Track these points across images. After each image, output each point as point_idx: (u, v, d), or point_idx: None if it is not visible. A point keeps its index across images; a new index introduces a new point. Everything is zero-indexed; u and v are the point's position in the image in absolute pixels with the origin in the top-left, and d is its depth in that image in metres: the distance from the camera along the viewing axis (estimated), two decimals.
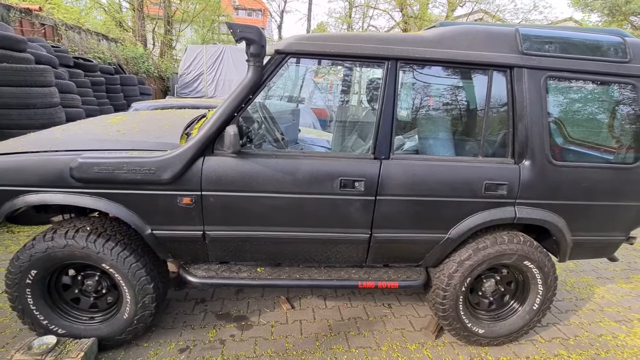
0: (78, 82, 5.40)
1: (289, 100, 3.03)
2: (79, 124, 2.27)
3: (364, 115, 2.09)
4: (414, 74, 1.83)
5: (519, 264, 2.05)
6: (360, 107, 2.31)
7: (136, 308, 1.91)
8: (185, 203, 1.77)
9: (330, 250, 1.99)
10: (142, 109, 5.04)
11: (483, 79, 1.86)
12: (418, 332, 2.33)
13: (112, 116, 2.59)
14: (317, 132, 4.56)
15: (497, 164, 1.91)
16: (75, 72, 5.81)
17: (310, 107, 5.48)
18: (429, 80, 1.88)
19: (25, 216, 3.45)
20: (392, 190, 1.84)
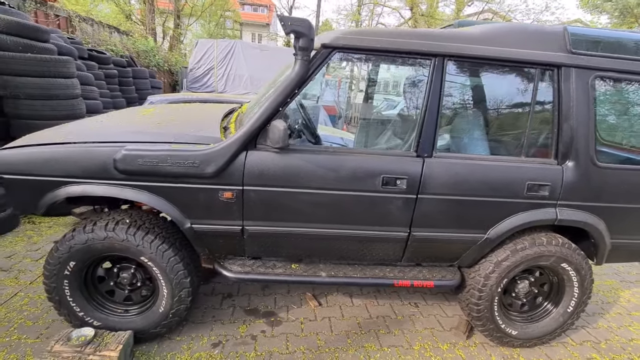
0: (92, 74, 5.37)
1: (307, 97, 3.01)
2: (112, 116, 2.26)
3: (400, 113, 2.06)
4: (461, 71, 1.81)
5: (556, 266, 2.04)
6: (393, 104, 2.29)
7: (172, 302, 1.90)
8: (226, 197, 1.76)
9: (366, 248, 1.97)
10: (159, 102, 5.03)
11: (529, 77, 1.84)
12: (448, 332, 2.32)
13: (142, 108, 2.57)
14: (331, 129, 4.55)
15: (539, 164, 1.88)
16: (89, 64, 5.78)
17: (321, 104, 5.50)
18: (474, 78, 1.85)
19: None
20: (433, 189, 1.82)
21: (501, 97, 1.89)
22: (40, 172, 1.67)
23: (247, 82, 9.37)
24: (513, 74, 1.85)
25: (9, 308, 2.20)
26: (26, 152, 1.68)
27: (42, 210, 1.76)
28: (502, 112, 1.91)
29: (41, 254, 2.86)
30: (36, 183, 1.69)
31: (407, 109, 1.93)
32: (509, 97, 1.89)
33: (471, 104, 1.91)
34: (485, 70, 1.83)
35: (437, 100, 1.77)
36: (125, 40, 8.27)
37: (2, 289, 2.38)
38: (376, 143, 2.17)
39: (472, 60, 1.77)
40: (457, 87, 1.84)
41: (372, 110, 2.70)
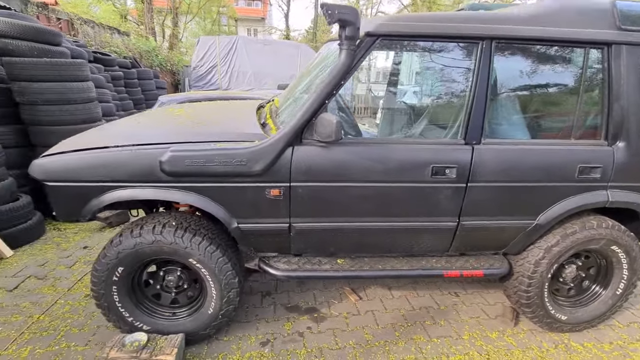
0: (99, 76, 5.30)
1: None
2: (143, 118, 2.21)
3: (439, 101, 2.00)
4: (508, 54, 1.75)
5: (605, 248, 2.00)
6: (403, 91, 2.19)
7: (221, 303, 1.88)
8: (273, 195, 1.72)
9: (414, 239, 1.94)
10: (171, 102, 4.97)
11: (578, 57, 1.78)
12: (494, 319, 2.30)
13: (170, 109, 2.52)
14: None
15: (590, 146, 1.84)
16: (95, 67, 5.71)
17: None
18: (522, 60, 1.79)
19: None
20: (483, 176, 1.78)
21: (549, 78, 1.83)
22: (84, 178, 1.63)
23: (250, 78, 9.29)
24: (561, 54, 1.79)
25: (52, 316, 2.19)
26: (69, 158, 1.64)
27: (86, 217, 1.73)
28: (551, 94, 1.85)
29: (73, 260, 2.84)
30: (81, 189, 1.65)
31: (450, 96, 1.88)
32: (557, 78, 1.83)
33: (519, 87, 1.85)
34: (532, 52, 1.77)
35: (485, 86, 1.72)
36: (127, 41, 8.16)
37: (42, 297, 2.37)
38: (408, 133, 2.11)
39: (520, 42, 1.71)
40: (505, 71, 1.78)
41: (394, 99, 2.64)
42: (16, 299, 2.33)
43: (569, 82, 1.83)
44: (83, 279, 2.60)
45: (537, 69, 1.82)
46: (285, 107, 2.05)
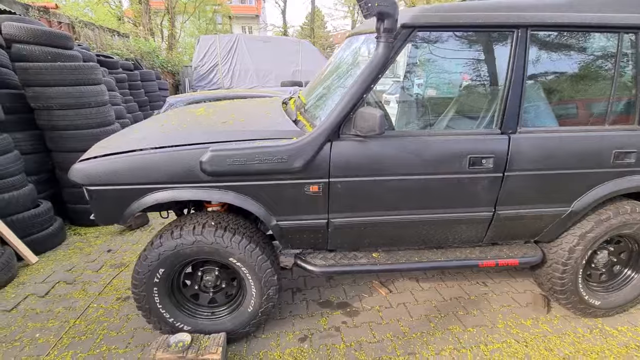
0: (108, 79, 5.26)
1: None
2: (170, 119, 2.19)
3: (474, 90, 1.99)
4: (544, 41, 1.74)
5: (638, 233, 2.01)
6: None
7: (261, 300, 1.88)
8: (312, 191, 1.72)
9: (450, 230, 1.95)
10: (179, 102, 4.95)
11: (612, 42, 1.77)
12: (525, 307, 2.32)
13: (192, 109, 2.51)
14: None
15: (624, 131, 1.84)
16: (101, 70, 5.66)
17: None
18: (556, 47, 1.78)
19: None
20: (520, 165, 1.78)
21: (582, 64, 1.83)
22: (126, 181, 1.63)
23: (253, 76, 9.25)
24: (594, 39, 1.78)
25: (87, 320, 2.19)
26: (109, 162, 1.63)
27: (127, 221, 1.72)
28: (585, 81, 1.85)
29: (99, 264, 2.84)
30: (122, 192, 1.65)
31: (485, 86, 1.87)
32: (590, 64, 1.83)
33: (553, 75, 1.85)
34: (567, 38, 1.77)
35: (522, 74, 1.71)
36: (128, 42, 8.08)
37: (74, 302, 2.37)
38: (443, 124, 2.05)
39: (555, 28, 1.70)
40: (540, 58, 1.77)
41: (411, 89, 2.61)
42: (49, 305, 2.34)
43: (603, 68, 1.82)
44: (112, 282, 2.60)
45: (570, 56, 1.82)
46: (314, 103, 2.04)
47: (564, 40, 1.78)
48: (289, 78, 9.05)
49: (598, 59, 1.82)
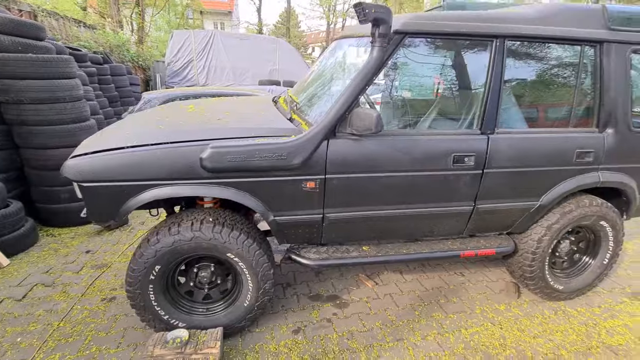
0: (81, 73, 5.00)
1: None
2: (162, 115, 2.17)
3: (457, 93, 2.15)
4: (518, 50, 1.92)
5: (595, 224, 2.27)
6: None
7: (257, 294, 1.93)
8: (309, 187, 1.79)
9: (434, 224, 2.09)
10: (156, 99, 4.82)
11: (575, 54, 2.00)
12: (499, 294, 2.52)
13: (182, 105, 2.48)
14: None
15: (584, 133, 2.07)
16: None
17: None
18: (529, 56, 1.98)
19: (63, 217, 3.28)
20: (497, 163, 1.95)
21: (551, 73, 2.04)
22: (123, 177, 1.61)
23: (229, 73, 9.12)
24: (561, 50, 2.00)
25: (72, 322, 2.12)
26: (105, 158, 1.61)
27: (122, 218, 1.71)
28: (552, 87, 2.06)
29: (79, 265, 2.74)
30: (119, 189, 1.63)
31: (467, 90, 2.03)
32: (557, 72, 2.05)
33: (525, 81, 2.04)
34: (538, 48, 1.97)
35: (499, 80, 1.89)
36: (96, 34, 7.67)
37: (55, 304, 2.28)
38: (430, 125, 2.18)
39: (527, 39, 1.89)
40: (514, 66, 1.95)
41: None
42: (28, 308, 2.23)
43: (568, 77, 2.04)
44: (95, 283, 2.52)
45: (541, 65, 2.02)
46: (308, 102, 2.11)
47: (534, 51, 1.97)
48: (266, 77, 9.01)
49: (563, 68, 2.04)
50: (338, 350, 1.97)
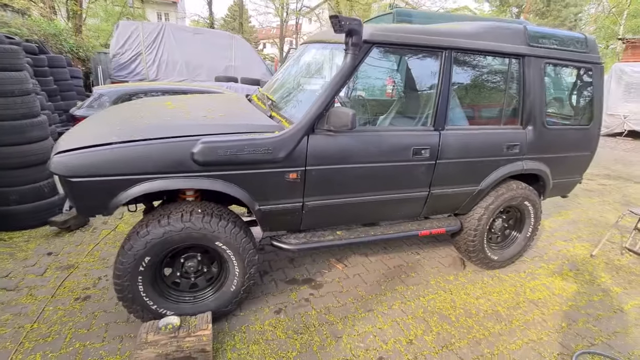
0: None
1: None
2: (144, 109, 2.19)
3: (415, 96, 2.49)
4: (461, 60, 2.30)
5: (520, 204, 2.78)
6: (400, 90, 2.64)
7: (244, 279, 2.08)
8: (292, 178, 1.99)
9: (398, 207, 2.42)
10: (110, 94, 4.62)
11: (504, 64, 2.44)
12: (448, 267, 2.95)
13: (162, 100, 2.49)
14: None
15: (512, 129, 2.54)
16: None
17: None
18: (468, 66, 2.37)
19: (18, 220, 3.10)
20: (447, 154, 2.33)
21: (486, 79, 2.47)
22: (113, 172, 1.67)
23: (182, 68, 8.80)
24: (494, 61, 2.43)
25: (47, 323, 2.08)
26: (95, 153, 1.65)
27: (112, 211, 1.75)
28: (487, 91, 2.50)
29: (42, 268, 2.62)
30: (109, 183, 1.68)
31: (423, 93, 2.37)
32: (491, 79, 2.48)
33: (467, 86, 2.44)
34: (475, 59, 2.37)
35: (448, 84, 2.25)
36: (28, 21, 6.89)
37: (23, 307, 2.20)
38: (394, 122, 2.49)
39: (468, 51, 2.28)
40: (458, 73, 2.34)
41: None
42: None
43: (499, 83, 2.49)
44: (64, 284, 2.45)
45: (478, 72, 2.44)
46: (285, 102, 2.30)
47: (474, 61, 2.38)
48: (221, 73, 8.86)
49: (496, 76, 2.48)
50: (318, 324, 2.21)
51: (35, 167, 3.22)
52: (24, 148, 3.13)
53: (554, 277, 2.88)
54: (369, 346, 2.04)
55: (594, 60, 2.65)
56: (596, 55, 2.68)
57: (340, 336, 2.11)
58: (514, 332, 2.22)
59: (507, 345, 2.11)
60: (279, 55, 21.36)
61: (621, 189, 5.50)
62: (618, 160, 7.61)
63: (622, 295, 2.68)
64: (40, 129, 3.27)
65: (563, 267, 3.05)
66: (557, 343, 2.15)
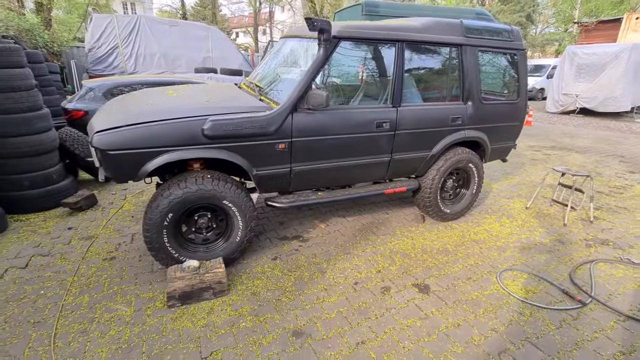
0: None
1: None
2: (152, 97, 2.62)
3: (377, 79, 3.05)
4: (411, 50, 2.88)
5: (466, 166, 3.44)
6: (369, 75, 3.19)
7: (246, 231, 2.61)
8: (281, 148, 2.52)
9: (367, 171, 2.99)
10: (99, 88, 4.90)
11: (447, 52, 3.04)
12: (411, 221, 3.60)
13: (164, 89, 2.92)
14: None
15: (455, 105, 3.16)
16: None
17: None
18: (418, 54, 2.95)
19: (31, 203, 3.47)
20: (403, 126, 2.92)
21: (433, 65, 3.06)
22: (144, 145, 2.13)
23: (160, 60, 8.97)
24: (438, 50, 3.02)
25: (85, 276, 2.53)
26: (128, 131, 2.10)
27: (140, 178, 2.21)
28: (434, 75, 3.09)
29: (66, 239, 3.03)
30: (140, 155, 2.15)
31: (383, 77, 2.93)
32: (437, 65, 3.07)
33: (417, 71, 3.03)
34: (423, 49, 2.95)
35: (402, 70, 2.82)
36: (2, 15, 6.84)
37: (60, 267, 2.63)
38: (360, 102, 3.03)
39: (417, 43, 2.85)
40: (409, 61, 2.91)
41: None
42: (36, 272, 2.55)
43: (444, 68, 3.09)
44: (90, 249, 2.89)
45: (426, 60, 3.02)
46: (270, 87, 2.81)
47: (422, 50, 2.96)
48: (200, 64, 9.09)
49: (440, 62, 3.08)
50: (307, 264, 2.78)
51: (44, 155, 3.57)
52: (31, 138, 3.46)
53: (494, 224, 3.59)
54: (347, 276, 2.64)
55: (518, 47, 3.30)
56: (520, 43, 3.33)
57: (325, 271, 2.69)
58: (457, 261, 2.89)
59: (451, 269, 2.77)
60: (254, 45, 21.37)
61: (562, 157, 6.37)
62: (566, 134, 8.57)
63: (543, 234, 3.42)
64: (45, 121, 3.61)
65: (502, 217, 3.77)
66: (489, 265, 2.83)
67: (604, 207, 4.06)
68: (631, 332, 2.15)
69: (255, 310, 2.24)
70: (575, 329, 2.16)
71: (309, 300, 2.36)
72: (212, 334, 2.02)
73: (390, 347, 1.97)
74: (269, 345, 1.96)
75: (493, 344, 2.02)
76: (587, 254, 3.04)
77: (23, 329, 2.02)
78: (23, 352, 1.86)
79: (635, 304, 2.41)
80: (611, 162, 6.09)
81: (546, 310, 2.31)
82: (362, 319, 2.19)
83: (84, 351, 1.88)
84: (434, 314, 2.25)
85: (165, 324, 2.09)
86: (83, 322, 2.08)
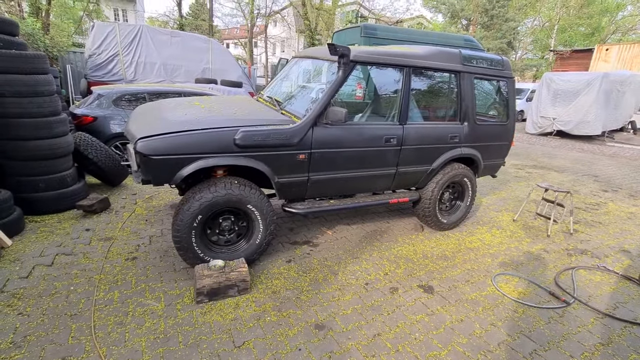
0: None
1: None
2: (186, 107, 2.84)
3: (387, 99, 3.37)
4: (417, 75, 3.22)
5: (461, 180, 3.77)
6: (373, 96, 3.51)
7: (266, 234, 2.81)
8: (301, 158, 2.76)
9: (375, 181, 3.27)
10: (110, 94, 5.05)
11: (446, 78, 3.40)
12: (411, 230, 3.88)
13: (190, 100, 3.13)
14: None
15: (453, 124, 3.51)
16: None
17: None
18: (422, 78, 3.29)
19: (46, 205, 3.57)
20: (408, 142, 3.23)
21: (434, 89, 3.41)
22: (181, 152, 2.34)
23: (160, 70, 9.13)
24: (440, 76, 3.38)
25: (111, 274, 2.66)
26: (169, 138, 2.31)
27: (176, 182, 2.40)
28: (435, 97, 3.44)
29: (86, 240, 3.14)
30: (178, 160, 2.35)
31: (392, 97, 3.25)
32: (438, 88, 3.43)
33: (420, 93, 3.37)
34: (427, 74, 3.30)
35: (408, 91, 3.15)
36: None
37: (85, 265, 2.75)
38: (371, 119, 3.34)
39: (421, 69, 3.20)
40: (415, 84, 3.25)
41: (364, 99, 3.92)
42: (62, 270, 2.66)
43: (444, 91, 3.44)
44: (111, 249, 3.01)
45: (429, 84, 3.37)
46: (289, 103, 3.07)
47: (426, 75, 3.31)
48: (199, 75, 9.30)
49: (441, 86, 3.43)
50: (319, 267, 2.99)
51: (61, 159, 3.68)
52: (51, 142, 3.57)
53: (486, 234, 3.91)
54: (358, 277, 2.87)
55: (507, 75, 3.71)
56: (509, 72, 3.75)
57: (337, 273, 2.91)
58: (456, 266, 3.17)
59: (451, 272, 3.04)
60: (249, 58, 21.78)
61: (543, 176, 6.87)
62: (545, 154, 9.18)
63: (530, 243, 3.76)
64: (64, 125, 3.73)
65: (492, 228, 4.10)
66: (484, 270, 3.13)
67: (582, 221, 4.47)
68: (608, 327, 2.46)
69: (277, 306, 2.43)
70: (561, 325, 2.45)
71: (326, 298, 2.56)
72: (241, 327, 2.20)
73: (404, 339, 2.20)
74: (295, 337, 2.15)
75: (493, 336, 2.28)
76: (569, 262, 3.39)
77: (62, 320, 2.14)
78: (67, 340, 1.98)
79: (611, 303, 2.74)
80: (586, 181, 6.62)
81: (536, 309, 2.61)
82: (375, 314, 2.42)
83: (124, 340, 2.02)
84: (439, 311, 2.51)
85: (196, 317, 2.25)
86: (118, 315, 2.22)
